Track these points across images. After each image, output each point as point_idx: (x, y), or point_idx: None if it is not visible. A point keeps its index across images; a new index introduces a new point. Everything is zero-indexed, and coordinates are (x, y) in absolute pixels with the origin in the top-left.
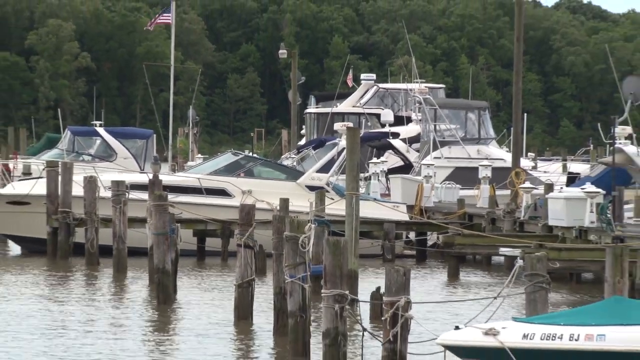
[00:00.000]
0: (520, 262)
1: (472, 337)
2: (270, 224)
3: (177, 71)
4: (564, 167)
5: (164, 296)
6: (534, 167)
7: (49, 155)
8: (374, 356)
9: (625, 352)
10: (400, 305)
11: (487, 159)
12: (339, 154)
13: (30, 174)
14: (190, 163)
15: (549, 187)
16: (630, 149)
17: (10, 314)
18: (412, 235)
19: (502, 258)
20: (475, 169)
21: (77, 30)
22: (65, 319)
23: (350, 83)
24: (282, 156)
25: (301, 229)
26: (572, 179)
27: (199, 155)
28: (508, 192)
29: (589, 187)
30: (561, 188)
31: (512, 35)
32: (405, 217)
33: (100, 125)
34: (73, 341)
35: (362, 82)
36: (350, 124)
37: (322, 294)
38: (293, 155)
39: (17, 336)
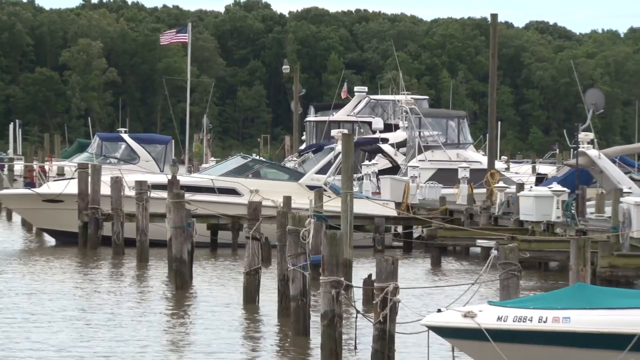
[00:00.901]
0: (494, 252)
1: (453, 319)
2: (275, 219)
3: (193, 84)
4: (533, 168)
5: (181, 282)
6: (507, 169)
7: (80, 158)
8: (366, 336)
9: (588, 332)
10: (389, 290)
11: (465, 161)
12: (336, 157)
13: (63, 175)
14: (204, 165)
15: (520, 187)
16: (592, 152)
17: (47, 297)
18: (399, 229)
19: (479, 249)
20: (455, 171)
21: (105, 48)
22: (94, 301)
23: (345, 95)
24: (285, 159)
25: (302, 223)
26: (541, 179)
27: (212, 159)
28: (484, 190)
29: (556, 186)
30: (531, 187)
31: (488, 53)
32: (393, 213)
33: (125, 132)
34: (102, 319)
35: (356, 93)
36: (345, 131)
37: (321, 281)
38: (295, 159)
39: (52, 316)
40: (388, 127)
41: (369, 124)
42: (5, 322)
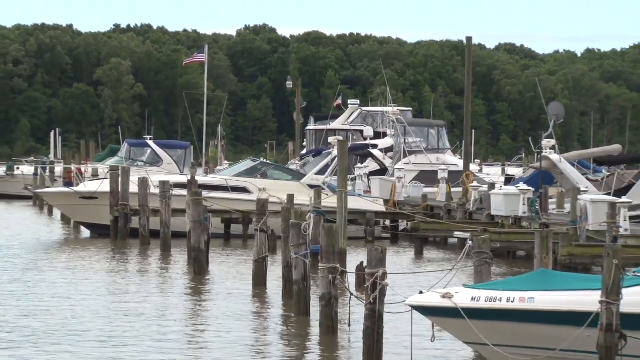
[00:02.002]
0: (469, 242)
1: (433, 299)
2: (280, 214)
3: (209, 98)
4: (503, 170)
5: (198, 268)
6: (480, 171)
7: (112, 161)
8: (358, 315)
9: (550, 311)
10: (378, 275)
11: (444, 164)
12: (332, 160)
13: (97, 175)
14: (219, 167)
15: (491, 186)
16: (554, 156)
17: (82, 281)
18: (387, 223)
19: (456, 240)
20: (435, 172)
21: (133, 66)
22: (123, 284)
23: (337, 104)
24: (289, 162)
25: (303, 217)
26: (509, 180)
27: (226, 162)
28: (460, 189)
29: (522, 186)
30: (501, 187)
31: (464, 71)
32: (382, 208)
33: (150, 139)
34: (129, 299)
35: (349, 106)
36: (340, 138)
37: (319, 267)
38: (297, 162)
39: (85, 296)
40: (377, 135)
41: (361, 132)
42: (51, 296)
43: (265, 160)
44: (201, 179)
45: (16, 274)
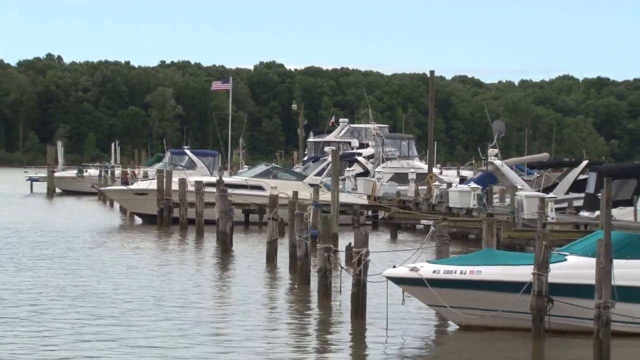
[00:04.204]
0: (432, 228)
1: (403, 272)
2: (287, 206)
3: (232, 117)
4: (458, 173)
5: (224, 248)
6: (440, 173)
7: (158, 166)
8: (348, 283)
9: (493, 280)
10: (362, 253)
11: (413, 168)
12: (327, 165)
13: (147, 177)
14: (240, 171)
15: (449, 185)
16: (497, 162)
17: (135, 255)
18: (369, 213)
19: (422, 226)
20: (406, 174)
21: (175, 93)
22: (166, 258)
23: (331, 123)
24: (294, 166)
25: (305, 209)
26: (463, 180)
27: (245, 166)
28: (425, 187)
29: (473, 185)
30: (456, 185)
31: (428, 96)
32: (365, 202)
33: (188, 149)
34: (170, 272)
35: (340, 123)
36: (333, 148)
37: (317, 247)
38: (300, 166)
39: (138, 265)
40: (362, 145)
41: (349, 143)
42: (112, 265)
43: (275, 165)
44: (226, 179)
45: (87, 250)
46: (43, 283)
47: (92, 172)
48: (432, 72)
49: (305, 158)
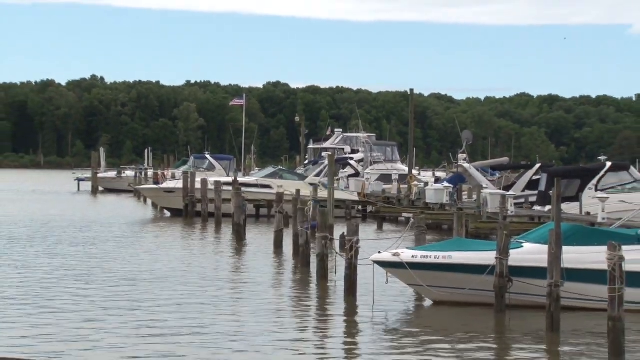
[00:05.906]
0: (412, 220)
1: (387, 257)
2: (291, 202)
3: (246, 128)
4: (433, 174)
5: (239, 237)
6: (419, 174)
7: (184, 168)
8: (341, 267)
9: (462, 264)
10: (354, 241)
11: (396, 170)
12: (325, 167)
13: (174, 177)
14: (252, 172)
15: (426, 184)
16: (466, 165)
17: (165, 242)
18: (360, 207)
19: (404, 218)
20: (390, 175)
21: (197, 107)
22: (190, 245)
23: (329, 132)
24: (297, 169)
25: (306, 204)
26: (437, 180)
27: (256, 169)
28: (406, 186)
29: (445, 184)
30: (432, 185)
31: (408, 110)
32: (356, 198)
33: (208, 154)
34: (193, 256)
35: (336, 132)
36: (330, 153)
37: (316, 236)
38: (302, 168)
39: (167, 250)
40: (354, 151)
41: (343, 149)
42: (144, 251)
43: (281, 168)
44: (241, 179)
45: (125, 239)
46: (90, 262)
47: (129, 173)
48: (411, 90)
49: (306, 162)
